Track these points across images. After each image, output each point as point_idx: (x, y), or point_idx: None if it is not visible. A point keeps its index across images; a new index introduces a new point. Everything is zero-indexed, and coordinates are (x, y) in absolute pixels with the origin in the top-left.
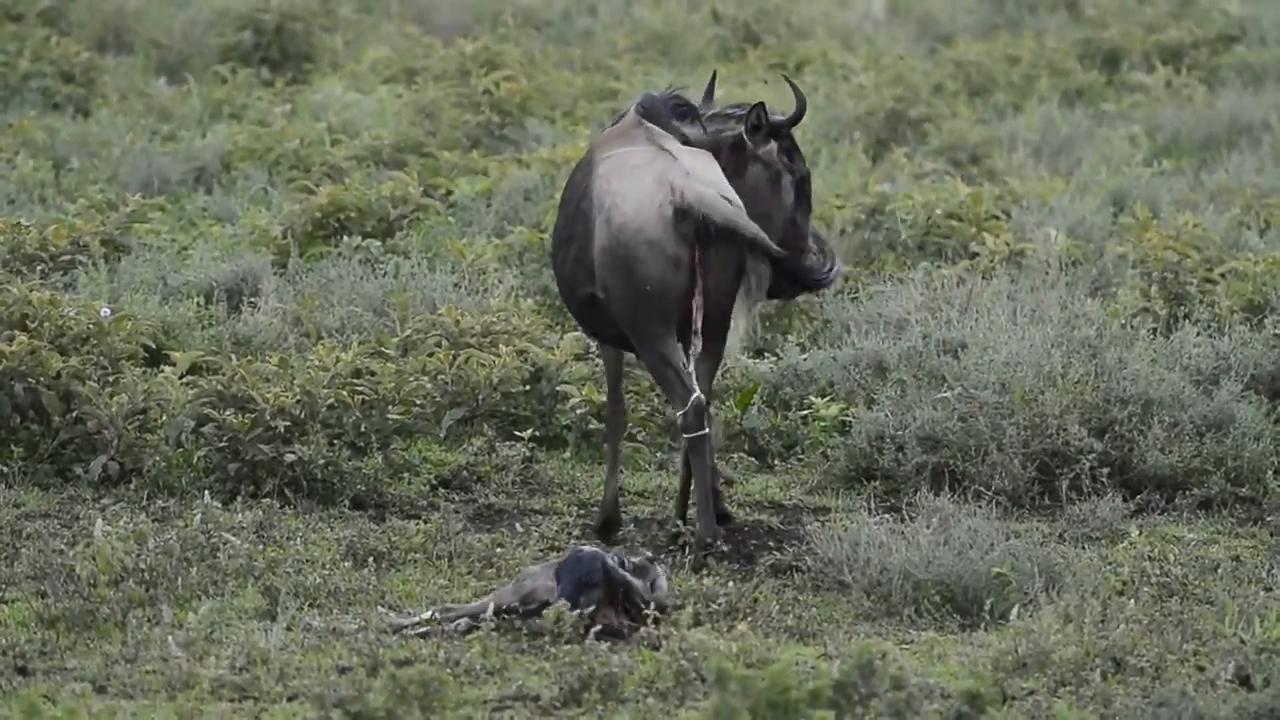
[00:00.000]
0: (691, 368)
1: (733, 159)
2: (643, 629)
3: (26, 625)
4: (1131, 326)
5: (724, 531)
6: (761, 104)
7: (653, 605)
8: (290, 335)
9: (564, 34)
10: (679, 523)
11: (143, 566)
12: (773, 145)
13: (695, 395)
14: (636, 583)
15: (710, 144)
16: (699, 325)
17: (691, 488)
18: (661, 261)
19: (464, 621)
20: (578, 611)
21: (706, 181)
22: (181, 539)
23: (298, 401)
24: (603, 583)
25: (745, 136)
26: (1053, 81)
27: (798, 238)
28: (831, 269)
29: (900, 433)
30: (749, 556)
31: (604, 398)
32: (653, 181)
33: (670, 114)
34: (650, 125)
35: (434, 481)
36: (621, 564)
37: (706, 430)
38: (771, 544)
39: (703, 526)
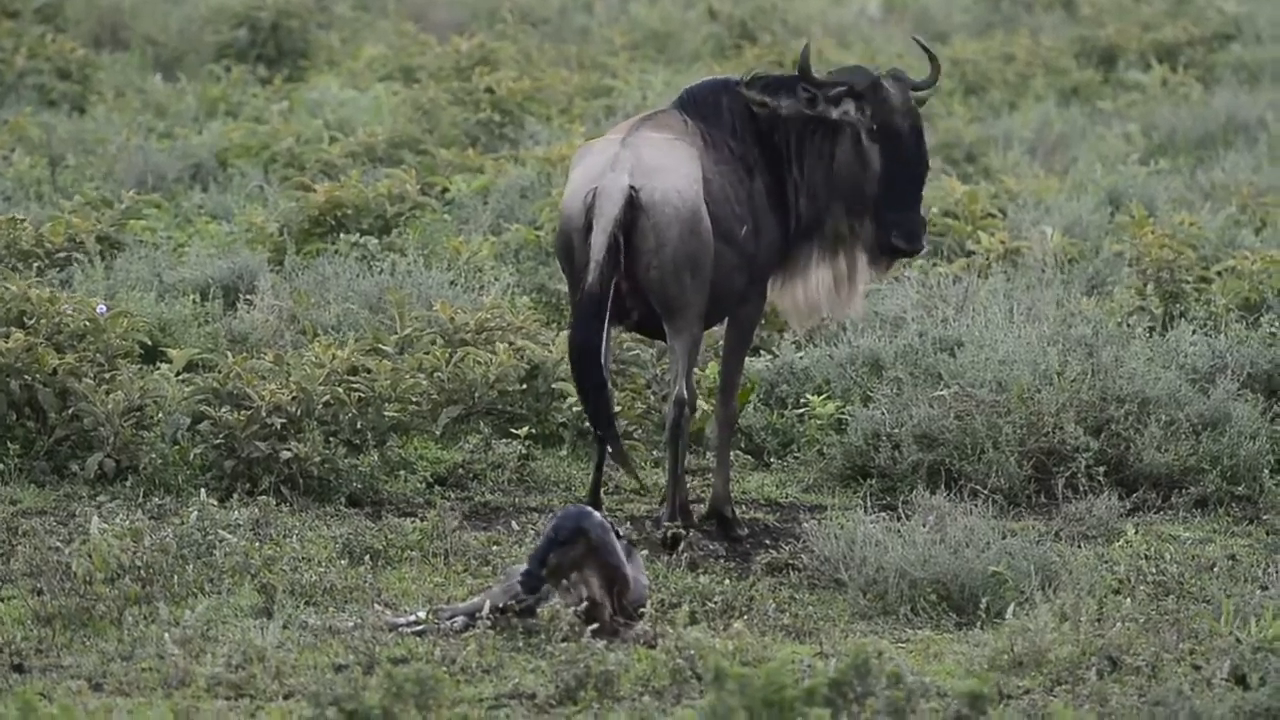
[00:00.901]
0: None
1: (813, 125)
2: (621, 619)
3: (23, 622)
4: (1127, 325)
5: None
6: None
7: (630, 595)
8: (286, 332)
9: (560, 31)
10: (669, 522)
11: (139, 564)
12: (848, 105)
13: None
14: (618, 546)
15: (798, 114)
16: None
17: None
18: (585, 251)
19: (460, 620)
20: (555, 563)
21: (646, 173)
22: (178, 536)
23: (294, 399)
24: (581, 540)
25: (807, 106)
26: (1049, 80)
27: (911, 190)
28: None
29: (896, 431)
30: (745, 554)
31: None
32: (592, 173)
33: (761, 91)
34: (659, 115)
35: (430, 479)
36: (617, 533)
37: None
38: (768, 542)
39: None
